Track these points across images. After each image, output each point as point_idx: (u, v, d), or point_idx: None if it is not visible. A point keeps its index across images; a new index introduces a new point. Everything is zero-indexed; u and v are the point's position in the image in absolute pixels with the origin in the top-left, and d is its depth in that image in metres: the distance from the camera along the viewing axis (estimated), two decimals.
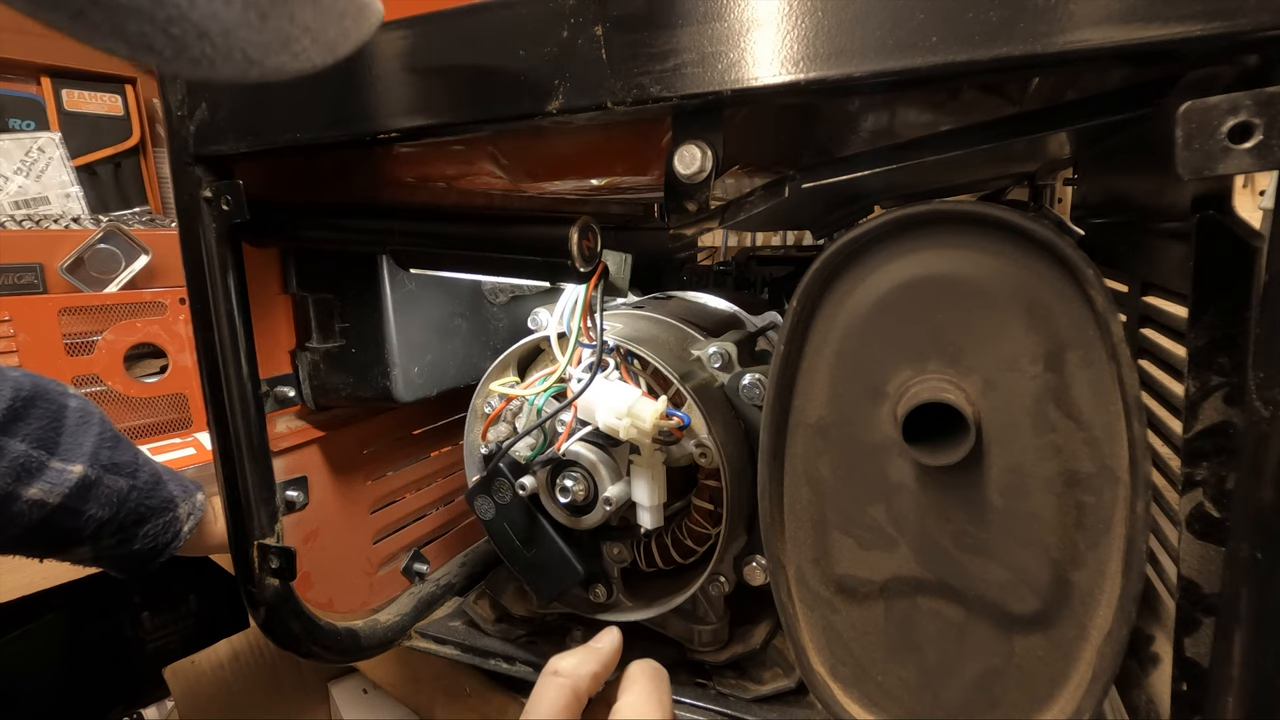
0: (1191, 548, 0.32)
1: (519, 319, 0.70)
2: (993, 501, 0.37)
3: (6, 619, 1.18)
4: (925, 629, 0.39)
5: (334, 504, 0.62)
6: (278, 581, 0.53)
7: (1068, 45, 0.27)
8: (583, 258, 0.45)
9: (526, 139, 0.47)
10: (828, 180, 0.41)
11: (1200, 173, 0.25)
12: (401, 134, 0.41)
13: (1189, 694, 0.32)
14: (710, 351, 0.53)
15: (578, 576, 0.55)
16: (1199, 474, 0.31)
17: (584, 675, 0.43)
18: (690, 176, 0.36)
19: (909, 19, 0.29)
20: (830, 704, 0.41)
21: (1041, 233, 0.34)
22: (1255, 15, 0.25)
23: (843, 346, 0.39)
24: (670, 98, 0.33)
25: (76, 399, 0.60)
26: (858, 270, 0.38)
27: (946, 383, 0.36)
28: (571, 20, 0.34)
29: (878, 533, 0.39)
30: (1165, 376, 0.43)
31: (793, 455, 0.41)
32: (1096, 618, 0.35)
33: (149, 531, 0.61)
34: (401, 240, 0.50)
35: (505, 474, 0.55)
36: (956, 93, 0.46)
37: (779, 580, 0.42)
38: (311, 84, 0.42)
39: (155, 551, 0.62)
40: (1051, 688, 0.36)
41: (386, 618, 0.62)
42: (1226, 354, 0.30)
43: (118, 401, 1.11)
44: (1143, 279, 0.45)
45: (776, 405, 0.40)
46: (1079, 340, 0.34)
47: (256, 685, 0.94)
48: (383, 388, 0.57)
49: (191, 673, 0.93)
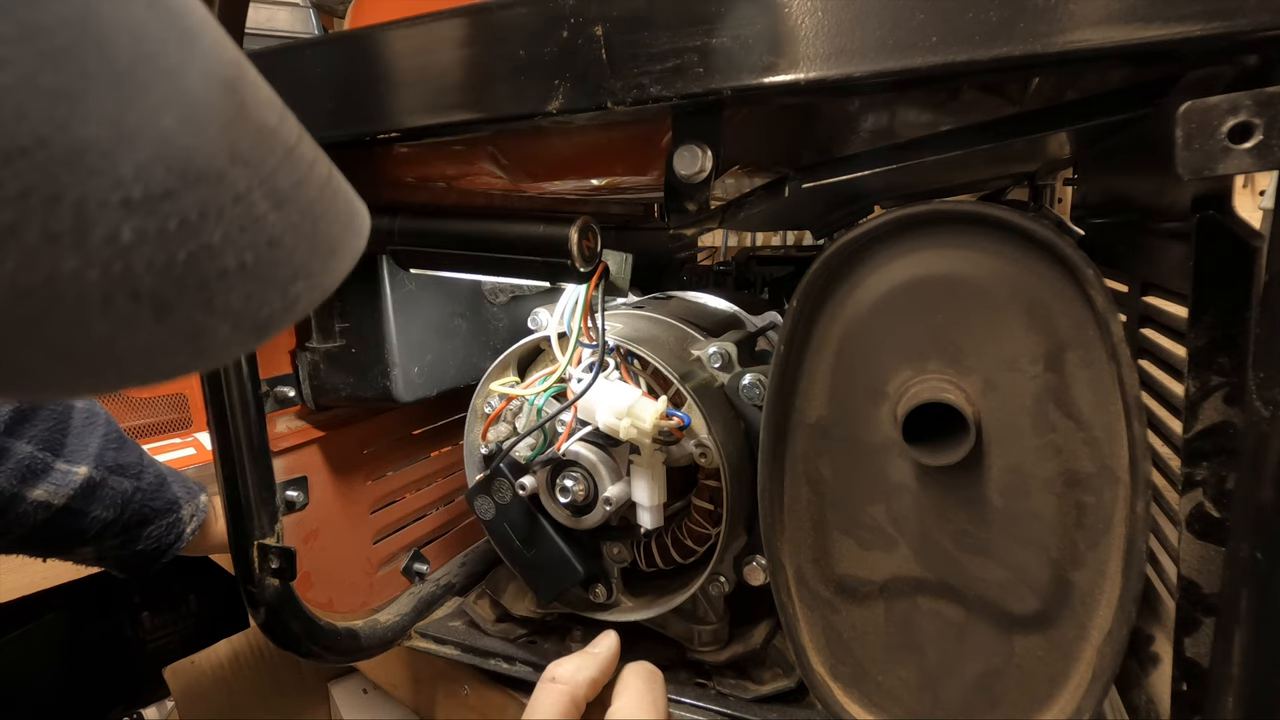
0: (1191, 548, 0.32)
1: (519, 319, 0.70)
2: (993, 501, 0.37)
3: (6, 619, 1.18)
4: (925, 629, 0.39)
5: (334, 504, 0.62)
6: (278, 581, 0.53)
7: (1068, 45, 0.27)
8: (583, 258, 0.45)
9: (526, 139, 0.47)
10: (828, 180, 0.41)
11: (1200, 173, 0.25)
12: (401, 134, 0.41)
13: (1189, 694, 0.32)
14: (710, 351, 0.53)
15: (578, 576, 0.55)
16: (1199, 474, 0.31)
17: (581, 681, 0.43)
18: (690, 176, 0.36)
19: (909, 19, 0.29)
20: (830, 704, 0.41)
21: (1041, 233, 0.34)
22: (1255, 15, 0.25)
23: (843, 346, 0.39)
24: (670, 98, 0.33)
25: (83, 400, 0.60)
26: (858, 270, 0.38)
27: (946, 383, 0.36)
28: (571, 20, 0.34)
29: (878, 533, 0.39)
30: (1165, 376, 0.43)
31: (793, 455, 0.41)
32: (1096, 618, 0.35)
33: (153, 533, 0.61)
34: (401, 240, 0.50)
35: (505, 474, 0.55)
36: (956, 93, 0.46)
37: (779, 580, 0.42)
38: (311, 85, 0.42)
39: (158, 552, 0.62)
40: (1051, 688, 0.36)
41: (386, 618, 0.62)
42: (1226, 354, 0.30)
43: (118, 401, 1.11)
44: (1143, 279, 0.45)
45: (776, 405, 0.40)
46: (1079, 340, 0.34)
47: (256, 685, 0.94)
48: (383, 388, 0.57)
49: (191, 673, 0.93)
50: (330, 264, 0.22)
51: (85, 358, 0.17)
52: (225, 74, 0.20)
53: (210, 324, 0.18)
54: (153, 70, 0.17)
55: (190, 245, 0.17)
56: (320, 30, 1.33)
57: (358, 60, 0.40)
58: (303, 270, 0.21)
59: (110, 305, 0.16)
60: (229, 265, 0.18)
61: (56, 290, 0.16)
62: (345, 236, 0.23)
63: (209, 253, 0.18)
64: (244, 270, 0.19)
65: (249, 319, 0.19)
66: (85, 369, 0.17)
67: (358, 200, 0.25)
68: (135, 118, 0.16)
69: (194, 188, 0.18)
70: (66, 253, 0.16)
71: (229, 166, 0.19)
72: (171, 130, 0.17)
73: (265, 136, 0.20)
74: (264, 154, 0.20)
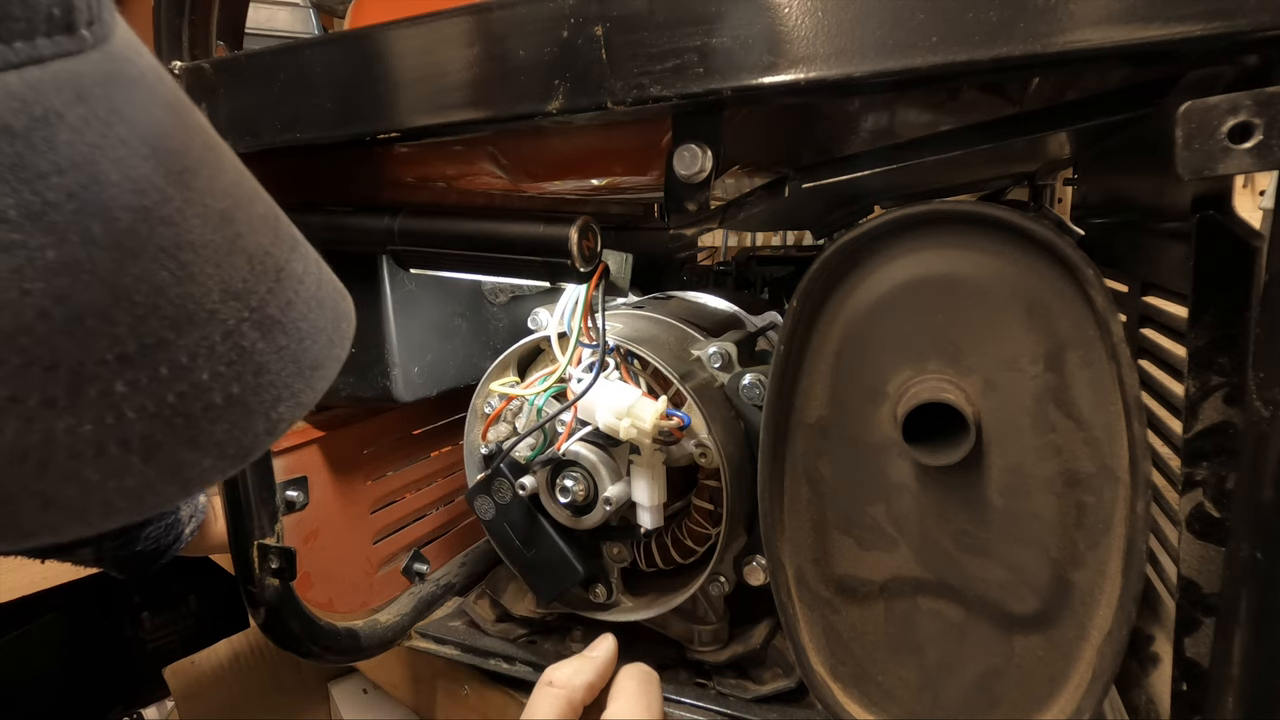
0: (1191, 548, 0.32)
1: (519, 319, 0.70)
2: (993, 501, 0.37)
3: (6, 619, 1.18)
4: (925, 629, 0.39)
5: (334, 504, 0.62)
6: (278, 581, 0.53)
7: (1068, 45, 0.27)
8: (583, 258, 0.45)
9: (526, 139, 0.47)
10: (827, 180, 0.41)
11: (1200, 173, 0.25)
12: (401, 134, 0.41)
13: (1189, 694, 0.32)
14: (710, 351, 0.53)
15: (578, 576, 0.55)
16: (1199, 474, 0.31)
17: (579, 685, 0.43)
18: (690, 176, 0.36)
19: (909, 19, 0.29)
20: (830, 704, 0.41)
21: (1041, 233, 0.34)
22: (1255, 15, 0.25)
23: (843, 346, 0.39)
24: (670, 98, 0.33)
25: None
26: (858, 270, 0.38)
27: (946, 383, 0.36)
28: (571, 20, 0.34)
29: (878, 533, 0.39)
30: (1165, 376, 0.43)
31: (793, 455, 0.41)
32: (1096, 618, 0.35)
33: (151, 533, 0.61)
34: (401, 240, 0.50)
35: (505, 474, 0.55)
36: (956, 93, 0.46)
37: (779, 580, 0.42)
38: (311, 85, 0.42)
39: (157, 553, 0.62)
40: (1051, 688, 0.36)
41: (386, 618, 0.62)
42: (1226, 354, 0.30)
43: None
44: (1143, 279, 0.45)
45: (776, 405, 0.40)
46: (1079, 340, 0.34)
47: (256, 685, 0.94)
48: (383, 388, 0.57)
49: (191, 673, 0.93)
50: (314, 378, 0.22)
51: (76, 505, 0.17)
52: (222, 206, 0.20)
53: (195, 459, 0.19)
54: (151, 223, 0.17)
55: (180, 386, 0.18)
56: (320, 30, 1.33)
57: (358, 60, 0.40)
58: (286, 392, 0.21)
59: (102, 454, 0.17)
60: (216, 400, 0.19)
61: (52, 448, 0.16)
62: (330, 348, 0.23)
63: (197, 390, 0.18)
64: (230, 401, 0.19)
65: (232, 448, 0.19)
66: (74, 515, 0.17)
67: (343, 298, 0.25)
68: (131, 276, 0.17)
69: (186, 333, 0.18)
70: (62, 414, 0.16)
71: (220, 304, 0.19)
72: (167, 282, 0.17)
73: (257, 263, 0.20)
74: (255, 283, 0.20)
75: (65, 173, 0.16)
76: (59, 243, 0.15)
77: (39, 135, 0.15)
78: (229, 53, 0.51)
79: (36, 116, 0.15)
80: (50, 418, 0.16)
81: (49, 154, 0.15)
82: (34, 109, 0.15)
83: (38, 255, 0.15)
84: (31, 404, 0.16)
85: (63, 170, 0.15)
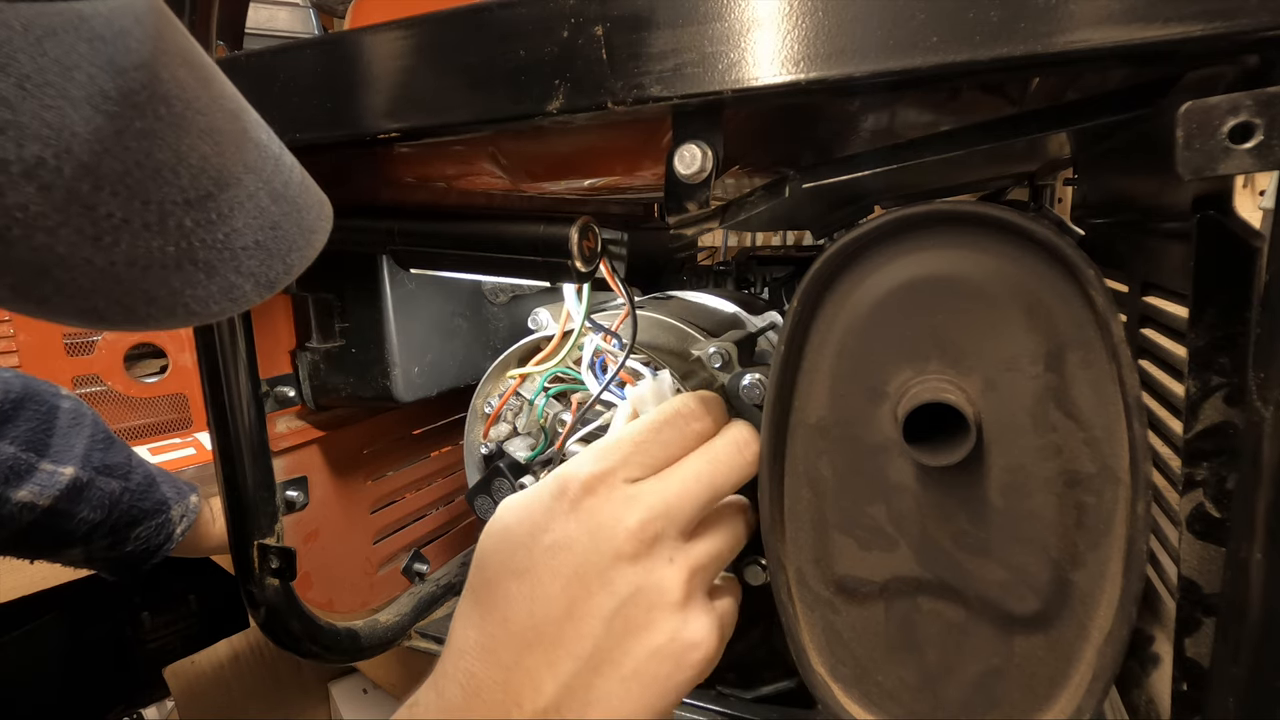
0: (1192, 548, 0.32)
1: (519, 319, 0.70)
2: (993, 502, 0.37)
3: (6, 619, 1.18)
4: (926, 629, 0.39)
5: (334, 504, 0.62)
6: (278, 581, 0.53)
7: (1068, 45, 0.27)
8: (583, 258, 0.45)
9: (526, 139, 0.47)
10: (828, 180, 0.41)
11: (1200, 173, 0.25)
12: (401, 134, 0.41)
13: (1189, 694, 0.33)
14: (710, 351, 0.53)
15: None
16: (1199, 474, 0.31)
17: None
18: (690, 176, 0.36)
19: (909, 19, 0.29)
20: (830, 704, 0.41)
21: (1041, 233, 0.34)
22: (1255, 15, 0.25)
23: (843, 347, 0.39)
24: (670, 98, 0.33)
25: (69, 400, 0.60)
26: (858, 270, 0.38)
27: (947, 383, 0.36)
28: (571, 20, 0.34)
29: (878, 533, 0.39)
30: (1165, 376, 0.43)
31: (793, 455, 0.41)
32: (1097, 618, 0.35)
33: (141, 534, 0.61)
34: (401, 240, 0.50)
35: (505, 474, 0.55)
36: (956, 93, 0.46)
37: (779, 580, 0.42)
38: (312, 85, 0.42)
39: (148, 554, 0.62)
40: (1051, 688, 0.36)
41: (386, 618, 0.62)
42: (1226, 354, 0.30)
43: (118, 402, 1.11)
44: (1143, 279, 0.45)
45: (776, 405, 0.40)
46: (1079, 340, 0.34)
47: (256, 685, 0.94)
48: (383, 388, 0.57)
49: (191, 673, 0.93)
50: (312, 240, 0.30)
51: (167, 303, 0.24)
52: (232, 107, 0.27)
53: (239, 282, 0.26)
54: (193, 111, 0.25)
55: (225, 228, 0.25)
56: (320, 30, 1.33)
57: (358, 60, 0.40)
58: (294, 245, 0.28)
59: (180, 269, 0.24)
60: (249, 242, 0.26)
61: (150, 259, 0.23)
62: (319, 221, 0.31)
63: (236, 234, 0.26)
64: (259, 245, 0.27)
65: (264, 278, 0.27)
66: (166, 311, 0.25)
67: (322, 194, 0.32)
68: (186, 145, 0.24)
69: (224, 190, 0.25)
70: (155, 235, 0.23)
71: (243, 174, 0.26)
72: (208, 154, 0.25)
73: (261, 149, 0.28)
74: (262, 163, 0.28)
75: (140, 69, 0.22)
76: (142, 116, 0.22)
77: (121, 44, 0.22)
78: (229, 53, 0.51)
79: (117, 30, 0.22)
80: (149, 237, 0.23)
81: (131, 55, 0.22)
82: (115, 25, 0.22)
83: (131, 125, 0.22)
84: (136, 225, 0.22)
85: (139, 67, 0.22)
